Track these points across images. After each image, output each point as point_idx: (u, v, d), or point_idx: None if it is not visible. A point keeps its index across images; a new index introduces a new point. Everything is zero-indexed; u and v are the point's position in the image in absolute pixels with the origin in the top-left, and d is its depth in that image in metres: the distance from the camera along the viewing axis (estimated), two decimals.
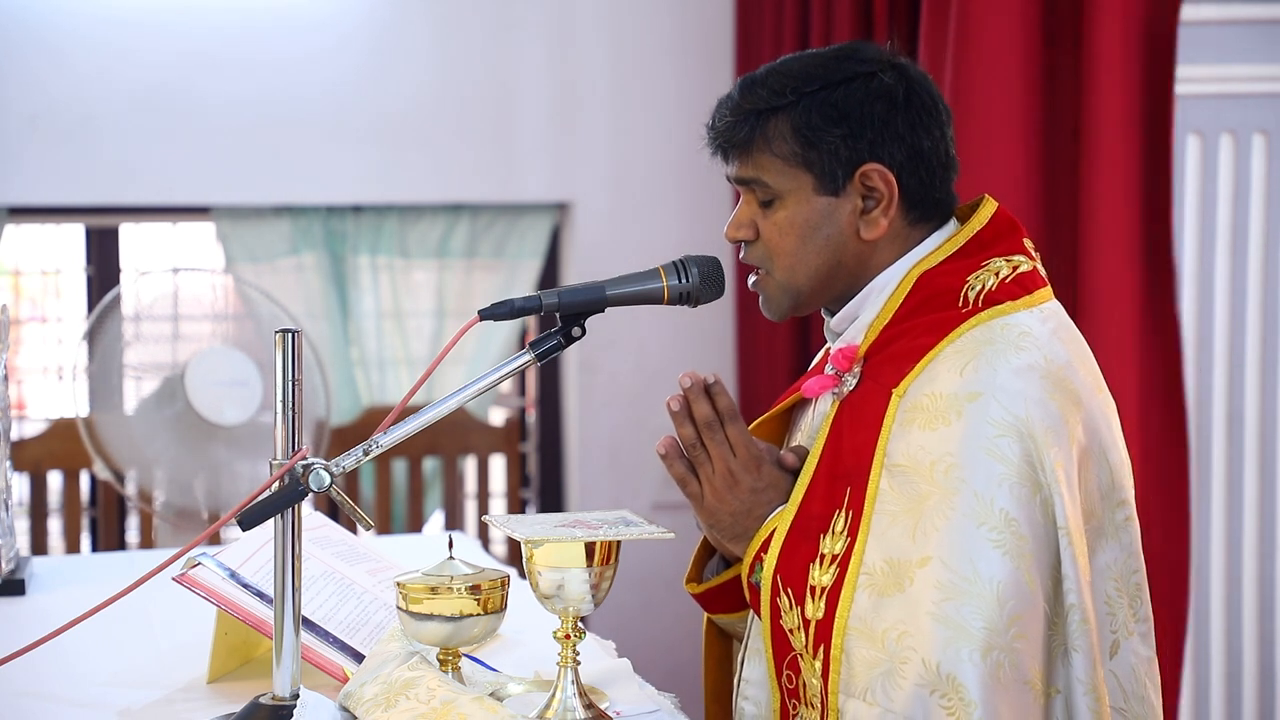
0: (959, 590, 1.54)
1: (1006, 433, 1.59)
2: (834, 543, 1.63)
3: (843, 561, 1.61)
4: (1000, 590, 1.54)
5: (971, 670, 1.52)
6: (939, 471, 1.59)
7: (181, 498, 3.57)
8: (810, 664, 1.61)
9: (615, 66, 4.32)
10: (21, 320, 4.84)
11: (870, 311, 1.74)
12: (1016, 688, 1.54)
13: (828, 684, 1.58)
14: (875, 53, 1.75)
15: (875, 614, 1.57)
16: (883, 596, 1.58)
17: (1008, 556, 1.56)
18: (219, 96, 4.10)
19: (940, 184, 1.75)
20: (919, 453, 1.61)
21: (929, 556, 1.57)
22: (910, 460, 1.62)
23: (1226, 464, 3.03)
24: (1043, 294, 1.72)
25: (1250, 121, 2.99)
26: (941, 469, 1.59)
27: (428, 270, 4.38)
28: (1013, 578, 1.55)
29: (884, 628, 1.56)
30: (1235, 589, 3.04)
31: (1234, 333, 3.01)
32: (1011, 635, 1.54)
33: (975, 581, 1.54)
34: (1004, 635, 1.54)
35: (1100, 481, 1.66)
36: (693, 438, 1.71)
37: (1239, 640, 3.04)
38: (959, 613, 1.54)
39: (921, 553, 1.57)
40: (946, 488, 1.59)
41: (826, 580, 1.61)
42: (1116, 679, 1.65)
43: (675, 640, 3.86)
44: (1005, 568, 1.55)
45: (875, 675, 1.55)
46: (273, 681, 1.71)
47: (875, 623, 1.57)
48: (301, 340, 1.70)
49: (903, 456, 1.62)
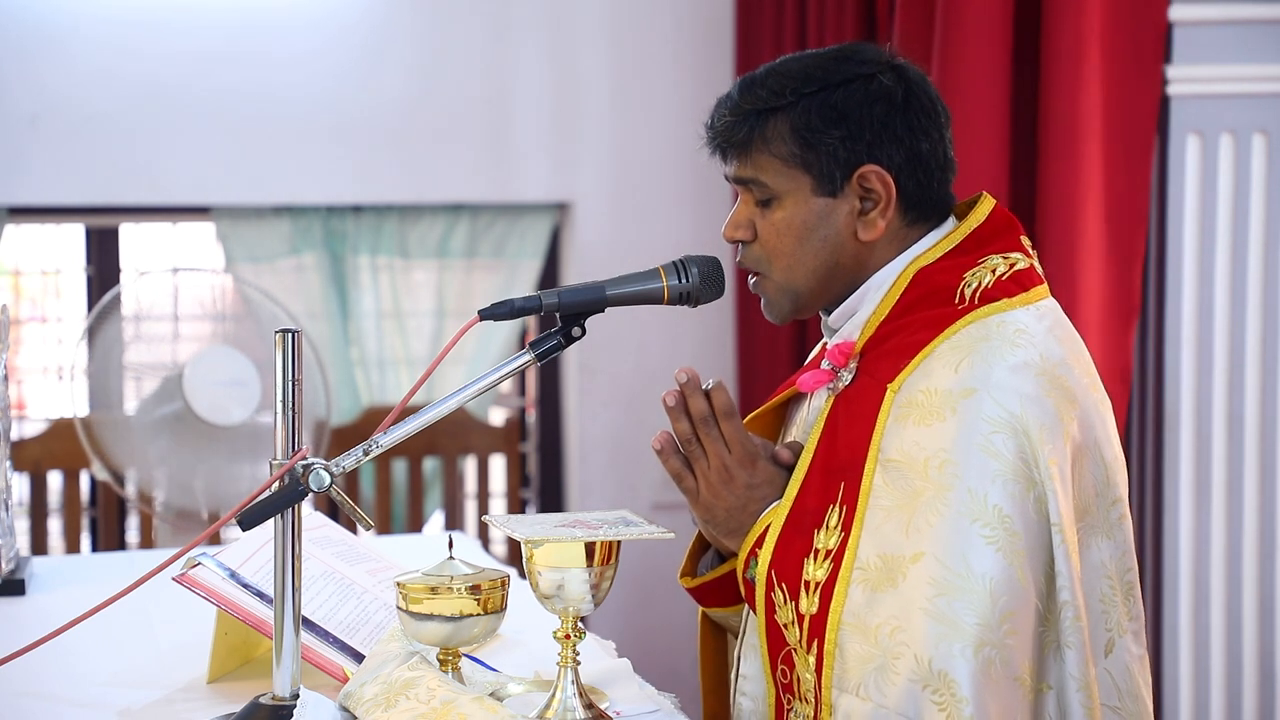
0: (952, 586, 1.55)
1: (1001, 429, 1.60)
2: (828, 538, 1.63)
3: (837, 556, 1.61)
4: (993, 586, 1.55)
5: (963, 666, 1.52)
6: (933, 467, 1.60)
7: (181, 498, 3.57)
8: (804, 659, 1.61)
9: (615, 66, 4.32)
10: (21, 320, 4.84)
11: (867, 307, 1.75)
12: (1007, 684, 1.54)
13: (821, 679, 1.59)
14: (875, 54, 1.75)
15: (869, 609, 1.58)
16: (876, 592, 1.58)
17: (1001, 553, 1.56)
18: (219, 96, 4.10)
19: (938, 185, 1.75)
20: (913, 448, 1.62)
21: (922, 552, 1.57)
22: (905, 456, 1.62)
23: (1227, 464, 3.03)
24: (1039, 291, 1.72)
25: (1250, 121, 2.99)
26: (936, 465, 1.60)
27: (428, 270, 4.38)
28: (1005, 574, 1.56)
29: (877, 623, 1.57)
30: (1236, 589, 3.04)
31: (1234, 333, 3.01)
32: (1004, 631, 1.54)
33: (968, 577, 1.55)
34: (996, 631, 1.54)
35: (1095, 479, 1.66)
36: (688, 433, 1.71)
37: (1239, 640, 3.04)
38: (951, 608, 1.54)
39: (915, 548, 1.58)
40: (940, 484, 1.59)
41: (820, 575, 1.62)
42: (1111, 677, 1.65)
43: (675, 640, 3.86)
44: (998, 564, 1.56)
45: (868, 670, 1.56)
46: (273, 681, 1.71)
47: (868, 618, 1.58)
48: (301, 340, 1.70)
49: (897, 452, 1.63)
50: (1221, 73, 2.97)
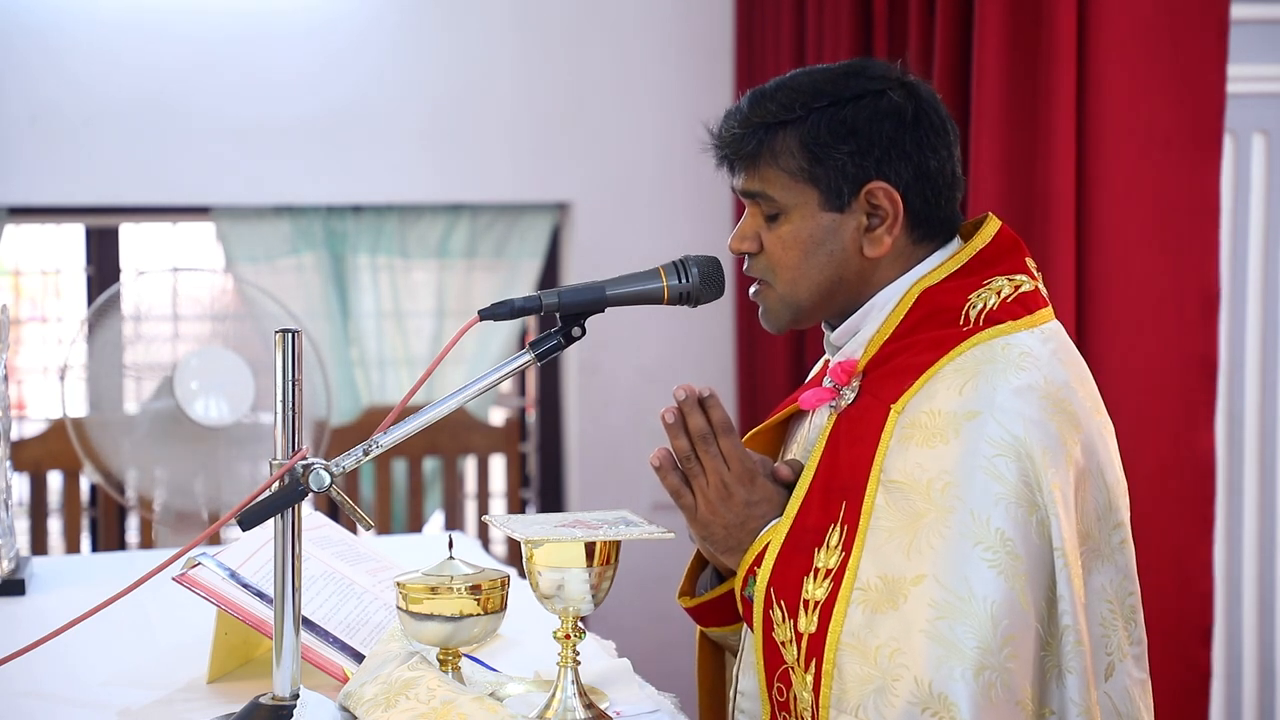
0: (953, 609, 1.54)
1: (1004, 452, 1.59)
2: (828, 557, 1.63)
3: (837, 576, 1.61)
4: (994, 610, 1.54)
5: (963, 689, 1.52)
6: (936, 489, 1.59)
7: (181, 499, 3.57)
8: (801, 677, 1.61)
9: (615, 66, 4.32)
10: (21, 320, 4.84)
11: (871, 327, 1.74)
12: (1008, 708, 1.54)
13: (819, 698, 1.58)
14: (885, 70, 1.75)
15: (868, 630, 1.57)
16: (876, 613, 1.58)
17: (1002, 576, 1.56)
18: (219, 96, 4.11)
19: (945, 203, 1.75)
20: (916, 470, 1.61)
21: (924, 574, 1.57)
22: (907, 477, 1.62)
23: (1227, 464, 3.03)
24: (1044, 314, 1.72)
25: (1250, 121, 2.99)
26: (938, 487, 1.59)
27: (428, 270, 4.38)
28: (1007, 597, 1.55)
29: (877, 644, 1.56)
30: (1235, 590, 3.04)
31: (1234, 333, 3.01)
32: (1004, 655, 1.54)
33: (969, 600, 1.54)
34: (997, 655, 1.54)
35: (1097, 503, 1.66)
36: (687, 450, 1.70)
37: (1239, 640, 3.05)
38: (952, 631, 1.54)
39: (916, 570, 1.57)
40: (943, 506, 1.59)
41: (820, 594, 1.61)
42: (1111, 701, 1.65)
43: (675, 640, 3.85)
44: (999, 587, 1.55)
45: (867, 692, 1.56)
46: (273, 681, 1.71)
47: (868, 639, 1.57)
48: (301, 340, 1.70)
49: (900, 473, 1.62)
50: None
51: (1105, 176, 2.57)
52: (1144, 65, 2.54)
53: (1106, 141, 2.57)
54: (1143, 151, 2.55)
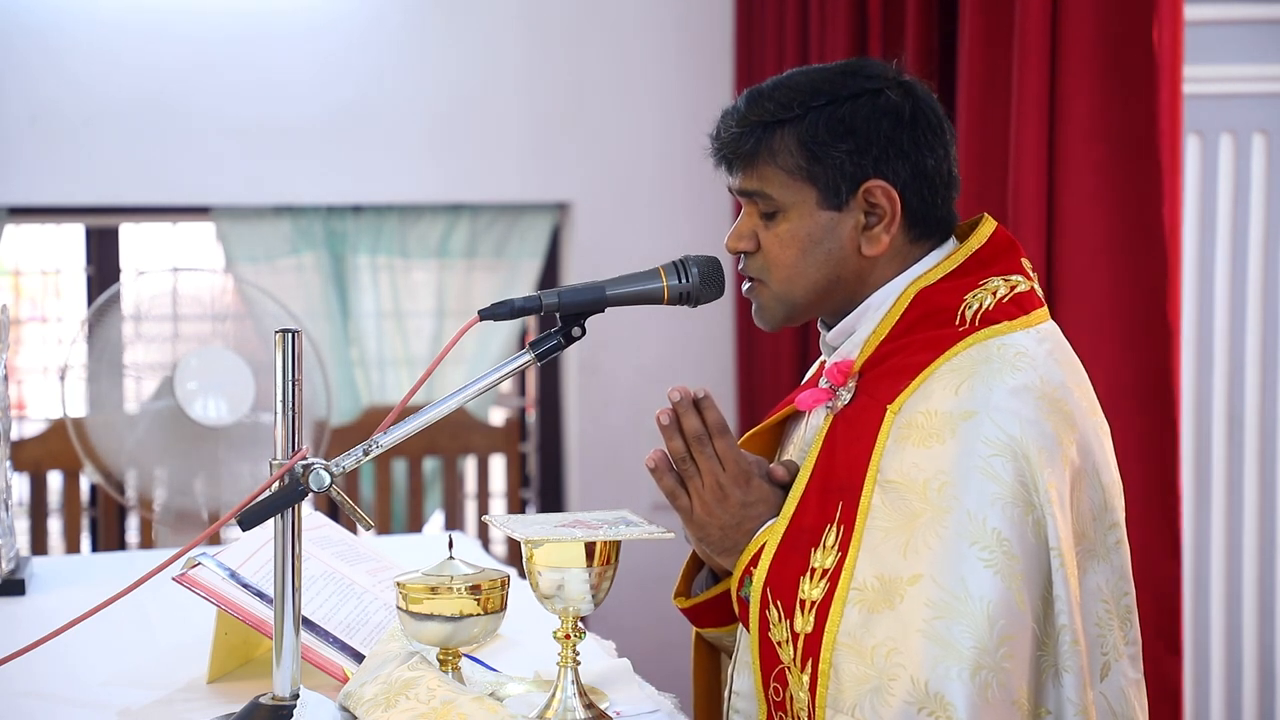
0: (949, 609, 1.54)
1: (1000, 452, 1.59)
2: (825, 557, 1.63)
3: (833, 576, 1.61)
4: (990, 609, 1.54)
5: (960, 689, 1.52)
6: (932, 489, 1.60)
7: (181, 498, 3.57)
8: (798, 677, 1.61)
9: (615, 66, 4.32)
10: (21, 320, 4.84)
11: (867, 327, 1.74)
12: (1004, 707, 1.54)
13: (815, 698, 1.58)
14: (882, 69, 1.75)
15: (865, 630, 1.57)
16: (873, 613, 1.58)
17: (999, 576, 1.56)
18: (219, 96, 4.11)
19: (942, 202, 1.75)
20: (912, 470, 1.61)
21: (920, 574, 1.57)
22: (904, 477, 1.62)
23: (1226, 464, 3.03)
24: (1039, 314, 1.72)
25: (1250, 121, 2.99)
26: (935, 487, 1.60)
27: (428, 270, 4.38)
28: (1003, 597, 1.55)
29: (873, 644, 1.56)
30: (1235, 589, 3.04)
31: (1234, 333, 3.01)
32: (1001, 655, 1.54)
33: (966, 600, 1.54)
34: (993, 655, 1.54)
35: (1093, 503, 1.66)
36: (682, 451, 1.70)
37: (1239, 640, 3.05)
38: (949, 631, 1.54)
39: (913, 570, 1.57)
40: (939, 506, 1.59)
41: (816, 594, 1.61)
42: (1107, 701, 1.65)
43: (675, 640, 3.84)
44: (996, 587, 1.55)
45: (864, 691, 1.56)
46: (273, 681, 1.71)
47: (865, 639, 1.57)
48: (301, 340, 1.70)
49: (896, 473, 1.62)
50: (1222, 73, 2.97)
51: (1072, 180, 2.60)
52: (1105, 68, 2.57)
53: (1071, 146, 2.60)
54: (1110, 153, 2.58)
